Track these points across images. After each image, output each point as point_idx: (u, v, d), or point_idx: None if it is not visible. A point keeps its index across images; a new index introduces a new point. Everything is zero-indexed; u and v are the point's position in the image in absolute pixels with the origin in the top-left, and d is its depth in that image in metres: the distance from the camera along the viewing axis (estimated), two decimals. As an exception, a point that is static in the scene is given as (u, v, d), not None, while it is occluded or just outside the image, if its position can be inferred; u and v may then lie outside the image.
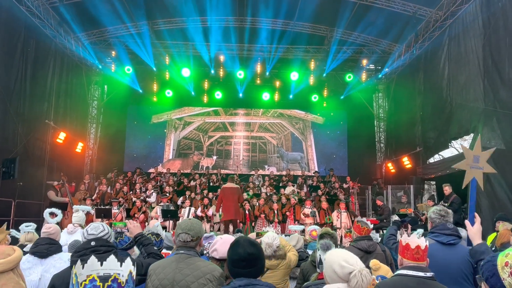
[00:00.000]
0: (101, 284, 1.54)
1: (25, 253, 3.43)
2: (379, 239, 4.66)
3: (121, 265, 1.62)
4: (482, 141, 9.54)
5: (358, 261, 2.08)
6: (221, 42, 15.69)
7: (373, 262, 3.14)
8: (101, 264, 1.59)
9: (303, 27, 15.32)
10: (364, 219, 4.30)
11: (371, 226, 4.29)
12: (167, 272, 2.51)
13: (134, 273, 1.66)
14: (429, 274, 2.31)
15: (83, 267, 1.57)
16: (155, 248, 3.09)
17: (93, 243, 2.65)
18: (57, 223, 4.06)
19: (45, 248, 3.26)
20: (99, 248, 2.63)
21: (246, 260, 2.14)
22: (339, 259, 2.03)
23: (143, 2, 13.75)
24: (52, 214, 4.13)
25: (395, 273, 2.45)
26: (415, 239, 2.39)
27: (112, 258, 1.61)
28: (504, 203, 8.64)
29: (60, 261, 3.24)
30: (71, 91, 15.29)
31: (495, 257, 1.56)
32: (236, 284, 2.11)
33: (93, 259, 1.58)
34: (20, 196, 10.68)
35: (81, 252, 2.62)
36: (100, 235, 2.76)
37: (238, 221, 11.04)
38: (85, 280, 1.54)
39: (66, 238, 5.21)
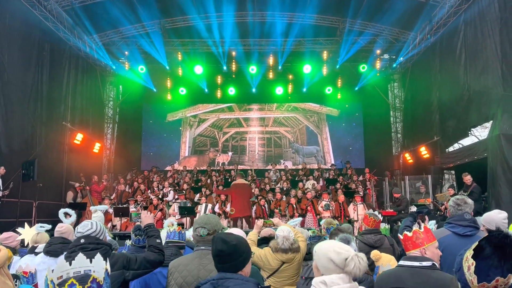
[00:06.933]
0: (80, 287, 1.53)
1: (37, 254, 3.50)
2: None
3: (90, 262, 1.61)
4: (502, 128, 9.31)
5: (350, 248, 2.06)
6: (232, 37, 15.65)
7: (373, 253, 3.12)
8: (70, 264, 1.58)
9: (315, 19, 15.14)
10: (376, 212, 4.23)
11: (380, 217, 4.22)
12: (190, 269, 2.55)
13: (109, 270, 1.66)
14: (425, 264, 2.28)
15: (52, 271, 1.57)
16: (158, 241, 3.08)
17: (82, 241, 2.72)
18: (72, 223, 4.12)
19: (59, 247, 3.32)
20: (87, 246, 2.69)
21: (218, 257, 2.20)
22: (334, 247, 2.00)
23: (154, 1, 13.82)
24: (67, 214, 4.19)
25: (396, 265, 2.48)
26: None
27: (80, 256, 1.60)
28: (525, 191, 8.40)
29: None
30: (86, 92, 15.53)
31: (466, 251, 1.53)
32: (210, 279, 2.18)
33: (61, 260, 1.59)
34: (41, 197, 10.91)
35: (71, 250, 2.70)
36: (87, 233, 2.81)
37: (249, 217, 11.06)
38: (62, 284, 1.53)
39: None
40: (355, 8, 13.79)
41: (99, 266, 1.60)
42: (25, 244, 4.10)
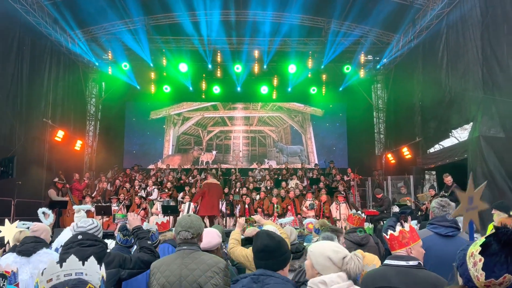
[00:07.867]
0: None
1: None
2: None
3: (83, 264, 1.54)
4: (481, 130, 9.52)
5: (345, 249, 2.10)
6: (217, 36, 15.57)
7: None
8: (61, 266, 1.50)
9: (300, 19, 15.19)
10: (359, 211, 4.28)
11: (363, 215, 4.27)
12: (172, 269, 2.53)
13: (105, 277, 1.60)
14: (412, 263, 2.32)
15: (42, 273, 1.49)
16: (149, 242, 3.10)
17: (79, 237, 2.69)
18: (50, 224, 4.04)
19: (31, 246, 3.28)
20: (85, 242, 2.67)
21: (263, 252, 2.20)
22: (331, 246, 2.04)
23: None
24: (45, 214, 4.12)
25: (382, 264, 2.50)
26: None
27: (72, 258, 1.54)
28: (503, 191, 8.61)
29: (46, 255, 3.25)
30: (68, 89, 15.20)
31: (469, 246, 1.54)
32: (251, 274, 2.17)
33: (51, 262, 1.52)
34: (20, 195, 10.67)
35: (68, 246, 2.67)
36: (89, 227, 2.83)
37: (214, 217, 11.03)
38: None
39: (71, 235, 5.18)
40: (340, 9, 13.90)
41: (91, 270, 1.53)
42: (5, 242, 4.01)
